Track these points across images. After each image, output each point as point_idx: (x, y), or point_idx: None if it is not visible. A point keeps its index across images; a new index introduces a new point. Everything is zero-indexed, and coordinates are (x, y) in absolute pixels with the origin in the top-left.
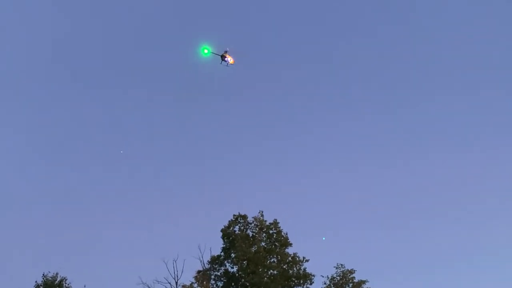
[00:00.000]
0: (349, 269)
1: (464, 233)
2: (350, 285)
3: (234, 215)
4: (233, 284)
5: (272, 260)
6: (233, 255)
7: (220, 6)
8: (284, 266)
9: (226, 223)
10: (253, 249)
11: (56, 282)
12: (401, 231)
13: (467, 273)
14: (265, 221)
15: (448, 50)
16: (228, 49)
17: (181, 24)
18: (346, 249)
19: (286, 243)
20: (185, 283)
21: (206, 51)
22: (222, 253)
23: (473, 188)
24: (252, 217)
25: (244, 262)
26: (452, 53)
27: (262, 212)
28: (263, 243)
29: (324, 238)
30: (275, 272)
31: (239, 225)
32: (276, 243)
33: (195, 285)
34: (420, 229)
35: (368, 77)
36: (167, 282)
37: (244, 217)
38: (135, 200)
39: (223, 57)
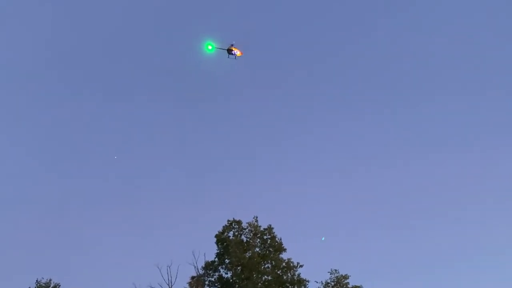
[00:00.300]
0: (343, 274)
1: (464, 233)
2: None
3: (228, 221)
4: None
5: (266, 265)
6: (227, 261)
7: (219, 6)
8: (279, 272)
9: (221, 229)
10: (247, 254)
11: None
12: (401, 231)
13: (467, 273)
14: (260, 226)
15: (448, 50)
16: (234, 43)
17: (182, 25)
18: (346, 249)
19: (280, 248)
20: None
21: (210, 47)
22: (216, 259)
23: (473, 188)
24: (247, 223)
25: (238, 268)
26: (452, 53)
27: (257, 217)
28: (257, 249)
29: (323, 239)
30: (269, 277)
31: (233, 230)
32: (270, 249)
33: None
34: (420, 229)
35: (368, 77)
36: None
37: (239, 222)
38: (134, 200)
39: (229, 51)
